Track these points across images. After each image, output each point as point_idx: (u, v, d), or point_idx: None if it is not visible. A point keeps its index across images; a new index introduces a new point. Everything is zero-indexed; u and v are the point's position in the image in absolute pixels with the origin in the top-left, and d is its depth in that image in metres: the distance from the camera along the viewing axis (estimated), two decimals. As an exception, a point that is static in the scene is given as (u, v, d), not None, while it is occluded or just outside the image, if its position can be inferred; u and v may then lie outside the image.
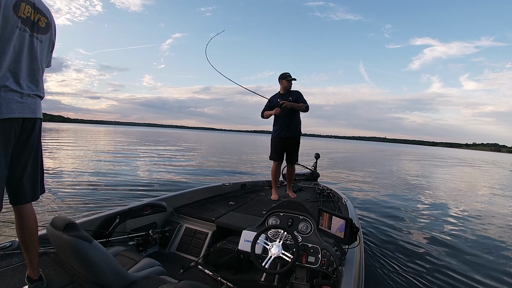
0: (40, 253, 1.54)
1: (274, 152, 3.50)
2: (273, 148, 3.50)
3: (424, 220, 5.13)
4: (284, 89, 3.43)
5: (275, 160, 3.51)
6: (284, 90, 3.44)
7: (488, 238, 4.26)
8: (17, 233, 1.26)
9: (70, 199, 5.00)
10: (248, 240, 1.87)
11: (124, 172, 8.34)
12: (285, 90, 3.43)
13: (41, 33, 1.25)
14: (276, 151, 3.48)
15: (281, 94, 3.45)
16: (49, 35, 1.31)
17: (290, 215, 2.03)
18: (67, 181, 6.55)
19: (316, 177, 4.64)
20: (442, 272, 2.98)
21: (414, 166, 19.56)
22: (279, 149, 3.47)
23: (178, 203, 2.88)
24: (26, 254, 1.27)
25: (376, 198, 6.85)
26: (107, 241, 2.08)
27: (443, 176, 13.87)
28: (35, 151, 1.28)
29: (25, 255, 1.27)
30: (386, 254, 3.35)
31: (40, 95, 1.28)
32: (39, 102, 1.28)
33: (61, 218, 1.30)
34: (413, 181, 10.92)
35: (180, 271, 2.12)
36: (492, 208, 6.67)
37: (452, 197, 7.83)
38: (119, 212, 2.25)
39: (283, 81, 3.40)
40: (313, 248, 1.76)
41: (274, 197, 3.41)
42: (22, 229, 1.25)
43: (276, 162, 3.52)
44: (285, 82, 3.39)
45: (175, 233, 2.56)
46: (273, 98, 3.46)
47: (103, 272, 1.25)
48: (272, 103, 3.41)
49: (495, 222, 5.29)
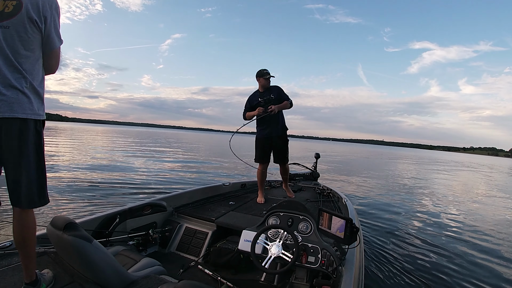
0: (40, 253, 1.54)
1: (262, 153, 3.31)
2: (260, 149, 3.31)
3: (423, 221, 5.14)
4: (263, 87, 3.26)
5: (262, 162, 3.33)
6: (262, 88, 3.27)
7: (486, 239, 4.27)
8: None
9: (70, 198, 5.00)
10: (248, 240, 1.87)
11: (124, 172, 8.33)
12: (264, 88, 3.26)
13: (5, 19, 1.11)
14: (264, 152, 3.31)
15: (261, 93, 3.27)
16: (19, 16, 1.12)
17: (290, 215, 2.03)
18: (67, 180, 6.54)
19: (316, 177, 4.63)
20: (441, 272, 2.99)
21: (412, 169, 19.59)
22: (267, 150, 3.32)
23: (178, 202, 2.88)
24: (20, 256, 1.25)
25: (376, 199, 6.85)
26: (107, 241, 2.08)
27: (442, 179, 13.89)
28: (21, 155, 1.14)
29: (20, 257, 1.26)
30: (386, 254, 3.35)
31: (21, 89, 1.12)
32: (22, 99, 1.13)
33: (61, 218, 1.29)
34: (412, 183, 10.93)
35: (180, 270, 2.12)
36: (490, 210, 6.68)
37: (451, 199, 7.84)
38: (119, 211, 2.25)
39: (261, 79, 3.22)
40: (313, 248, 1.76)
41: (260, 200, 3.22)
42: (14, 231, 1.23)
43: (264, 164, 3.35)
44: (263, 80, 3.21)
45: (175, 233, 2.56)
46: (252, 98, 3.30)
47: (103, 272, 1.25)
48: (252, 103, 3.27)
49: (493, 223, 5.30)
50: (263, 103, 3.16)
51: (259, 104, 3.19)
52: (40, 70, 1.22)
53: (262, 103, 3.17)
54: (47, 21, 1.18)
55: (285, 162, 3.45)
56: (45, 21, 1.17)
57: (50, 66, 1.28)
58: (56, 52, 1.26)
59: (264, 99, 3.20)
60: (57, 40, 1.24)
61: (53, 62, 1.28)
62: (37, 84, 1.18)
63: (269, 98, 3.19)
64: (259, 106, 3.17)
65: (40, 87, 1.20)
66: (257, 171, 3.38)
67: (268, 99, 3.19)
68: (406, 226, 4.64)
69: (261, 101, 3.21)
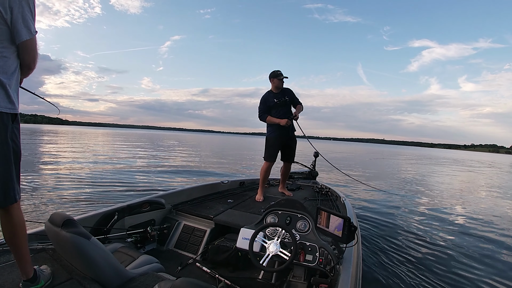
0: (38, 250, 1.54)
1: (274, 152, 3.39)
2: (272, 148, 3.39)
3: (422, 219, 5.16)
4: (276, 88, 3.34)
5: (273, 160, 3.40)
6: (276, 89, 3.35)
7: (486, 238, 4.28)
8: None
9: (68, 195, 4.99)
10: (246, 238, 1.87)
11: (123, 169, 8.32)
12: (278, 89, 3.35)
13: None
14: (276, 151, 3.39)
15: (275, 94, 3.35)
16: None
17: (288, 213, 2.03)
18: (66, 177, 6.53)
19: (315, 175, 4.64)
20: (439, 270, 3.00)
21: (411, 167, 19.64)
22: (278, 149, 3.41)
23: (176, 200, 2.88)
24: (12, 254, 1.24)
25: (374, 197, 6.88)
26: (105, 238, 2.08)
27: (441, 176, 13.94)
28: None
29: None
30: (383, 253, 3.37)
31: None
32: None
33: (59, 215, 1.29)
34: (411, 181, 10.97)
35: (178, 268, 2.13)
36: (490, 208, 6.71)
37: (450, 198, 7.87)
38: (117, 208, 2.25)
39: (275, 80, 3.30)
40: (311, 246, 1.77)
41: (259, 199, 3.24)
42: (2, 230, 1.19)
43: (272, 162, 3.41)
44: (277, 81, 3.29)
45: (173, 230, 2.57)
46: (267, 99, 3.35)
47: (101, 269, 1.25)
48: (268, 103, 3.32)
49: (493, 221, 5.32)
50: (291, 118, 3.31)
51: (276, 105, 3.30)
52: (9, 64, 1.15)
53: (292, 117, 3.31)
54: (14, 11, 1.11)
55: (292, 161, 3.56)
56: (12, 12, 1.11)
57: (23, 61, 1.21)
58: (25, 44, 1.17)
59: (290, 116, 3.31)
60: (26, 31, 1.15)
61: (26, 57, 1.20)
62: (4, 77, 1.13)
63: (285, 101, 3.33)
64: (276, 107, 3.30)
65: (7, 79, 1.14)
66: (263, 168, 3.42)
67: (284, 101, 3.34)
68: (404, 225, 4.66)
69: (277, 102, 3.30)
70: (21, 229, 1.22)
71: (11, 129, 1.15)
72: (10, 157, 1.15)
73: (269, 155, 3.39)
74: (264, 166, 3.42)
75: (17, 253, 1.22)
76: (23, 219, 1.24)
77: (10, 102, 1.14)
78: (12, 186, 1.16)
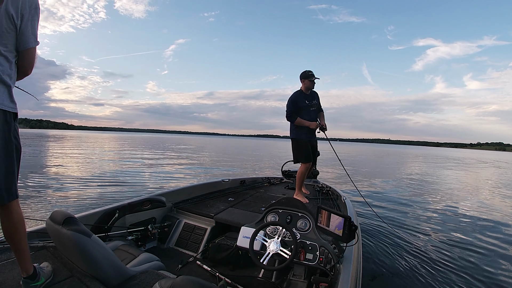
0: (39, 247, 1.55)
1: (307, 153, 3.37)
2: (305, 150, 3.36)
3: (422, 218, 5.15)
4: (307, 89, 3.31)
5: (310, 161, 3.38)
6: (306, 90, 3.32)
7: (485, 238, 4.27)
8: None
9: (70, 193, 5.01)
10: (246, 237, 1.87)
11: (123, 169, 8.34)
12: (308, 90, 3.32)
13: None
14: (310, 151, 3.39)
15: (306, 95, 3.32)
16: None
17: (289, 212, 2.03)
18: (68, 175, 6.55)
19: (316, 174, 4.63)
20: (439, 270, 3.00)
21: (415, 166, 19.58)
22: (310, 151, 3.40)
23: (177, 198, 2.88)
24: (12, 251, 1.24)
25: (375, 197, 6.87)
26: (106, 236, 2.08)
27: (443, 176, 13.89)
28: None
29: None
30: (384, 252, 3.36)
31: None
32: None
33: (60, 212, 1.29)
34: (413, 181, 10.94)
35: (179, 266, 2.13)
36: (494, 207, 6.69)
37: (453, 197, 7.85)
38: (118, 206, 2.26)
39: (306, 81, 3.26)
40: (311, 245, 1.77)
41: (306, 201, 3.20)
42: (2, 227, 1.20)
43: (310, 163, 3.38)
44: (308, 82, 3.26)
45: (174, 229, 2.57)
46: (298, 99, 3.29)
47: (102, 267, 1.25)
48: (300, 104, 3.27)
49: (495, 220, 5.30)
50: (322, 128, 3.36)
51: (307, 107, 3.29)
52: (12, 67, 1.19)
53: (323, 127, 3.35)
54: (24, 18, 1.16)
55: (314, 165, 3.74)
56: (22, 18, 1.16)
57: (22, 66, 1.25)
58: (30, 52, 1.23)
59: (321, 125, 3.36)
60: (33, 39, 1.22)
61: (25, 63, 1.24)
62: (8, 80, 1.16)
63: (315, 104, 3.35)
64: (306, 108, 3.28)
65: (11, 82, 1.18)
66: (302, 172, 3.37)
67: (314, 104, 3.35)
68: (405, 224, 4.66)
69: (308, 104, 3.29)
70: (20, 226, 1.23)
71: (13, 127, 1.19)
72: (13, 154, 1.18)
73: (307, 157, 3.36)
74: (303, 168, 3.37)
75: (17, 250, 1.23)
76: (22, 216, 1.25)
77: (12, 102, 1.19)
78: (14, 182, 1.20)
